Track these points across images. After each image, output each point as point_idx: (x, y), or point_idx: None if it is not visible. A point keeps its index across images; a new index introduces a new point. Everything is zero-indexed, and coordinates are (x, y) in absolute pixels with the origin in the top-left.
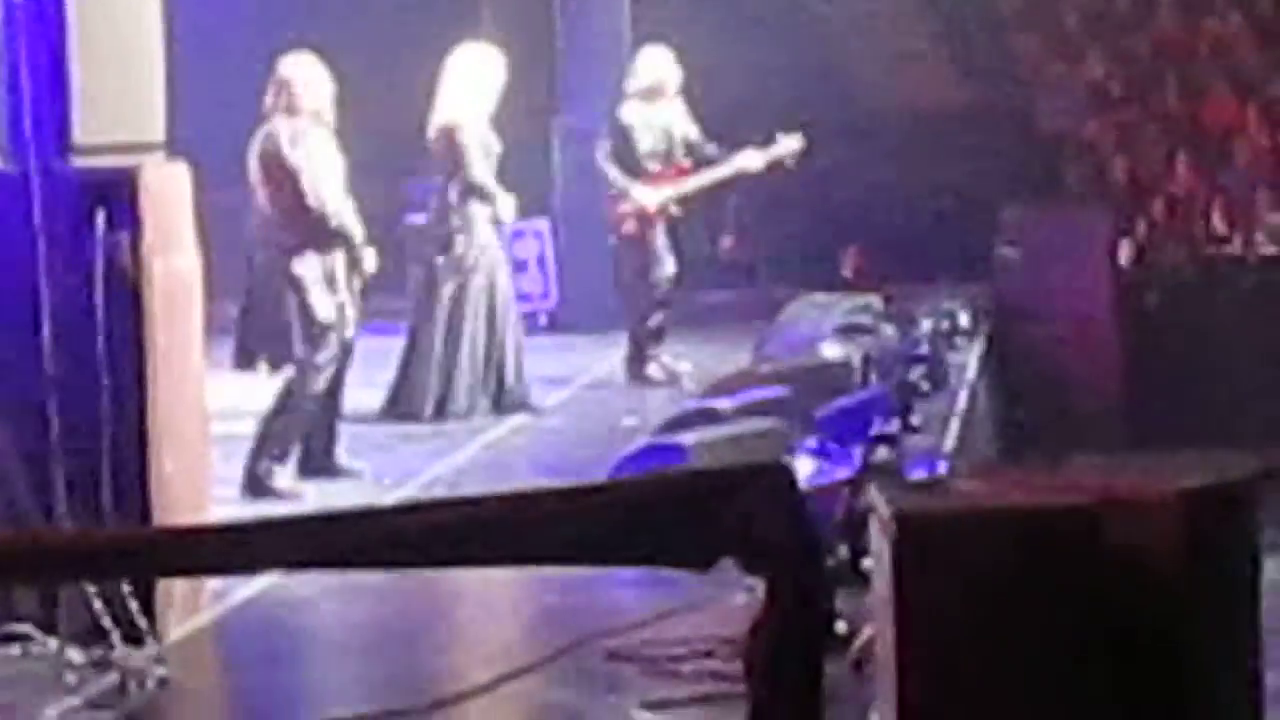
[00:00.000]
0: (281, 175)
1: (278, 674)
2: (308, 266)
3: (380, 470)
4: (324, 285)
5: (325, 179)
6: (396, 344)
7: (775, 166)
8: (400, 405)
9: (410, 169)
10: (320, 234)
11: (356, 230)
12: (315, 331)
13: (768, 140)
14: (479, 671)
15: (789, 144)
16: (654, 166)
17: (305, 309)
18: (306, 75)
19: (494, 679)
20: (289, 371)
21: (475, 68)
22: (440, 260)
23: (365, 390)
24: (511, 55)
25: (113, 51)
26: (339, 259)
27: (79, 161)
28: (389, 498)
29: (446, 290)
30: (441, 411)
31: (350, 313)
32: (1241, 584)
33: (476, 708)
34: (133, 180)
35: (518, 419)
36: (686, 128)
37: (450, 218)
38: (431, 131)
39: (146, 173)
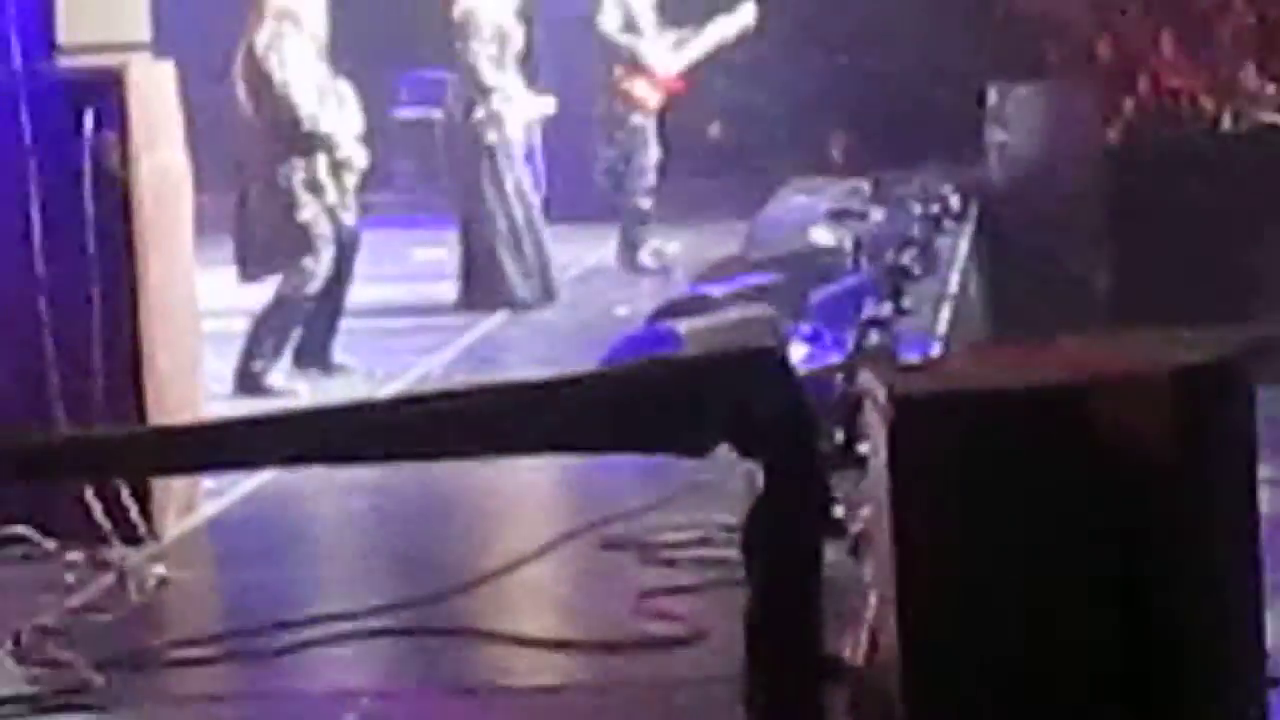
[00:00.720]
0: (258, 81)
1: (275, 570)
2: (291, 171)
3: (372, 365)
4: (307, 190)
5: (300, 83)
6: (385, 237)
7: (744, 34)
8: (475, 296)
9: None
10: (298, 139)
11: (339, 132)
12: (301, 236)
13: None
14: (476, 563)
15: (749, 9)
16: (657, 39)
17: (290, 214)
18: None
19: (491, 570)
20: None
21: None
22: (479, 151)
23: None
24: None
25: None
26: (321, 162)
27: (65, 61)
28: (381, 392)
29: (489, 184)
30: (512, 301)
31: (342, 214)
32: (1238, 460)
33: (473, 599)
34: (119, 79)
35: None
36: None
37: (483, 106)
38: (458, 11)
39: (132, 71)
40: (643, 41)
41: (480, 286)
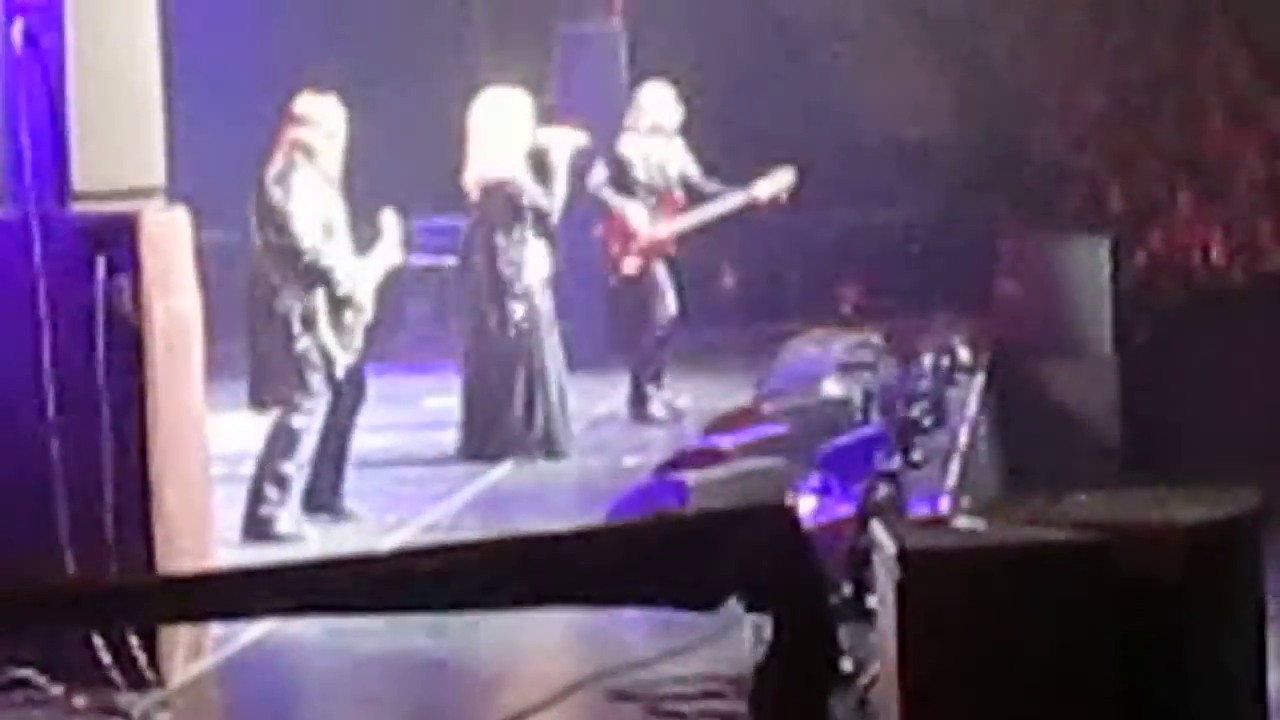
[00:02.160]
0: (264, 210)
1: (284, 716)
2: (289, 302)
3: (382, 513)
4: (301, 322)
5: (303, 215)
6: (396, 383)
7: (774, 200)
8: (473, 447)
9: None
10: (298, 271)
11: (341, 269)
12: (294, 368)
13: (760, 176)
14: (484, 712)
15: (784, 177)
16: (650, 201)
17: (287, 346)
18: (307, 113)
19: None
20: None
21: (510, 115)
22: (499, 305)
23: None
24: None
25: (112, 98)
26: (319, 295)
27: (79, 207)
28: (390, 540)
29: (505, 336)
30: (509, 452)
31: (339, 352)
32: (1247, 617)
33: None
34: (132, 225)
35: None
36: (684, 165)
37: (506, 264)
38: (472, 180)
39: (146, 217)
40: (630, 204)
41: (482, 435)
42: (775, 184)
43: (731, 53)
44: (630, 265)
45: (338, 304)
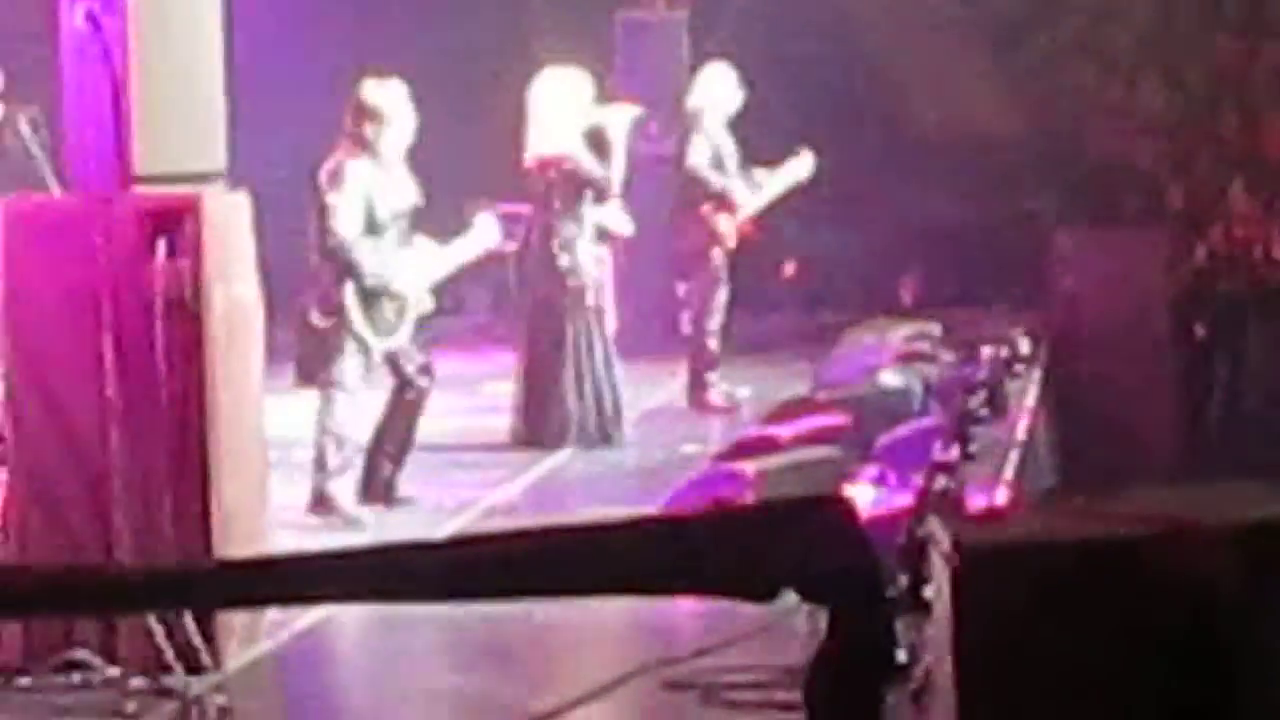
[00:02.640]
0: (316, 201)
1: (337, 703)
2: (323, 290)
3: (440, 498)
4: (337, 311)
5: (346, 210)
6: (455, 369)
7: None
8: (533, 433)
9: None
10: (332, 262)
11: (368, 264)
12: (327, 354)
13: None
14: (538, 700)
15: (807, 158)
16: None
17: (314, 327)
18: (368, 102)
19: (550, 708)
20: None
21: (568, 93)
22: (557, 291)
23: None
24: None
25: (173, 82)
26: (350, 288)
27: (140, 191)
28: (448, 526)
29: (568, 322)
30: (569, 438)
31: (371, 340)
32: None
33: None
34: (193, 210)
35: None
36: (730, 150)
37: (563, 249)
38: (531, 158)
39: (207, 202)
40: (731, 179)
41: (539, 422)
42: (804, 162)
43: (792, 43)
44: (734, 240)
45: (370, 294)
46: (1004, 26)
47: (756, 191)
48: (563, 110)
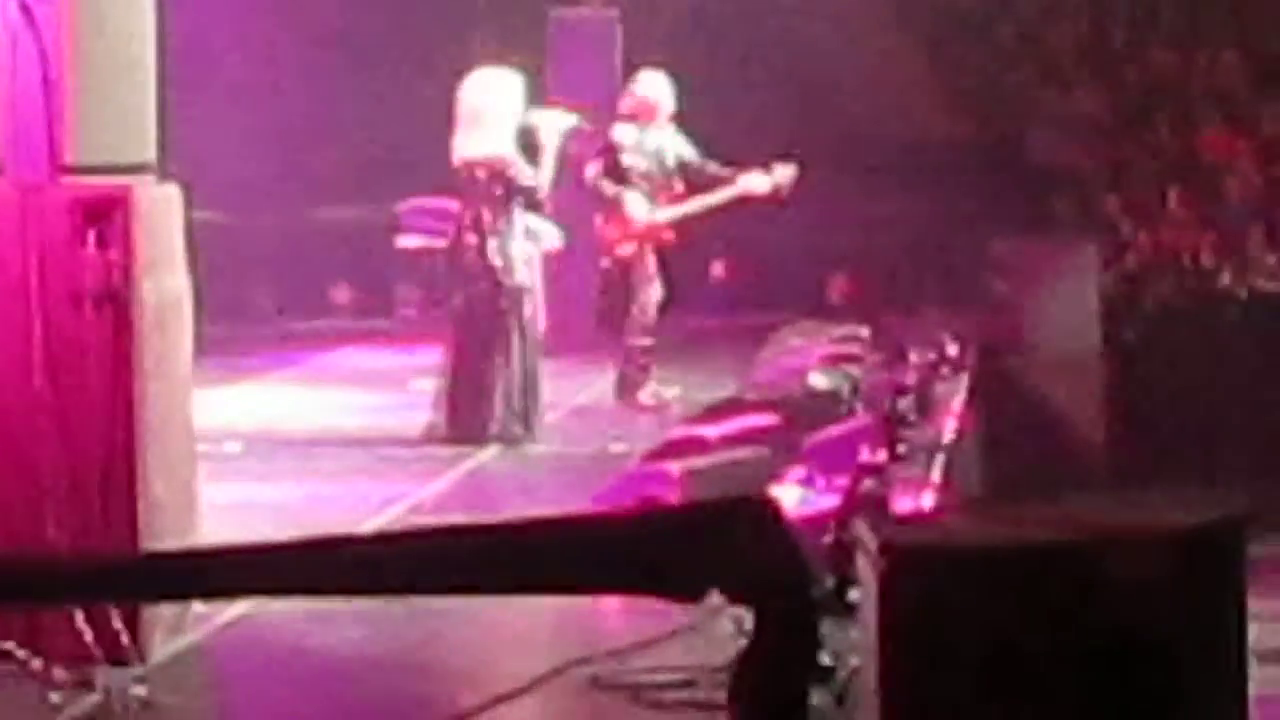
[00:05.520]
0: None
1: (261, 696)
2: None
3: (366, 493)
4: None
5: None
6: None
7: (775, 193)
8: (455, 429)
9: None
10: None
11: None
12: None
13: (761, 168)
14: (461, 698)
15: (786, 171)
16: (644, 187)
17: None
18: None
19: (474, 706)
20: None
21: (500, 95)
22: (487, 288)
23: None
24: None
25: (106, 73)
26: None
27: (71, 181)
28: (373, 522)
29: (492, 317)
30: (487, 435)
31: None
32: (1229, 625)
33: None
34: (124, 201)
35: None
36: (681, 150)
37: (493, 246)
38: (461, 159)
39: (138, 193)
40: (626, 190)
41: (463, 418)
42: (776, 178)
43: (725, 42)
44: (625, 249)
45: None
46: (940, 27)
47: (675, 203)
48: (495, 113)
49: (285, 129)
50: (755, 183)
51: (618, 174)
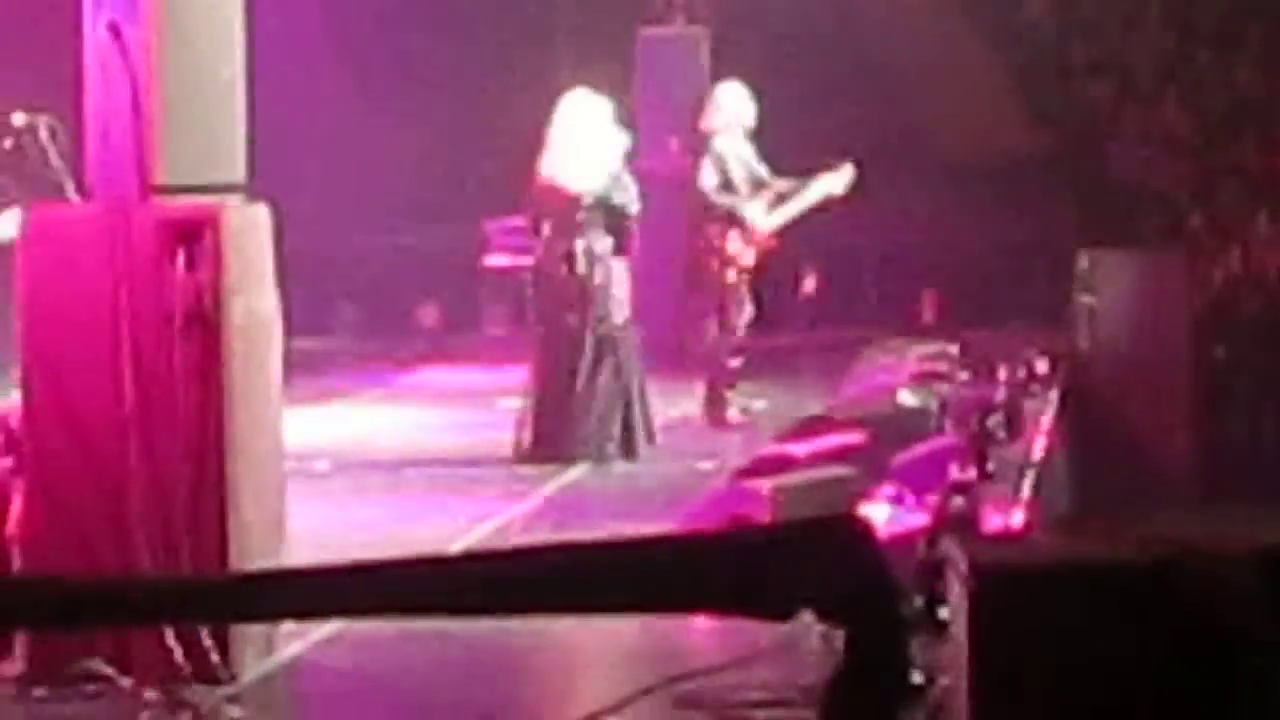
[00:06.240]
0: None
1: (351, 715)
2: None
3: (456, 512)
4: None
5: None
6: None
7: (846, 191)
8: (541, 448)
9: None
10: None
11: None
12: None
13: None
14: (550, 715)
15: (848, 169)
16: (755, 198)
17: None
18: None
19: None
20: None
21: (590, 117)
22: (569, 306)
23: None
24: None
25: (194, 93)
26: None
27: (160, 202)
28: (464, 541)
29: (583, 338)
30: (573, 455)
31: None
32: None
33: None
34: (213, 221)
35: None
36: (758, 164)
37: (580, 264)
38: (551, 181)
39: (227, 214)
40: (740, 199)
41: (550, 438)
42: (844, 176)
43: (812, 60)
44: (748, 257)
45: None
46: (1025, 45)
47: (776, 208)
48: (587, 135)
49: (374, 150)
50: (832, 182)
51: (726, 184)
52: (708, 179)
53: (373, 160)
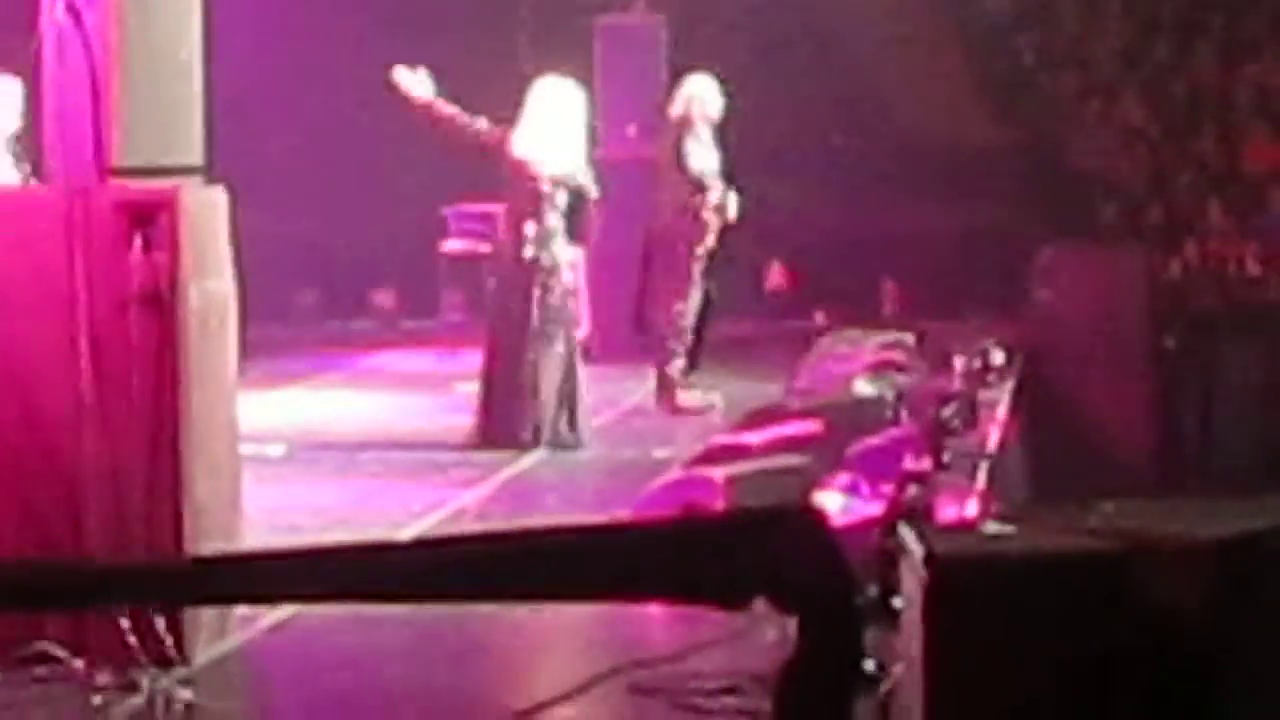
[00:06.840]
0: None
1: (304, 700)
2: None
3: (410, 497)
4: None
5: None
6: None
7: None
8: (494, 434)
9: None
10: None
11: None
12: None
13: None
14: (506, 703)
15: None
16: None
17: None
18: None
19: (517, 711)
20: None
21: (564, 102)
22: (524, 290)
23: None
24: None
25: (152, 75)
26: None
27: (117, 184)
28: (416, 526)
29: (535, 322)
30: (524, 440)
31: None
32: (1273, 634)
33: None
34: (170, 204)
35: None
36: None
37: (536, 250)
38: (518, 158)
39: (184, 196)
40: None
41: (502, 423)
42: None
43: (770, 49)
44: (713, 239)
45: None
46: (984, 36)
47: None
48: (560, 118)
49: (332, 134)
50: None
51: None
52: (699, 161)
53: (331, 144)
